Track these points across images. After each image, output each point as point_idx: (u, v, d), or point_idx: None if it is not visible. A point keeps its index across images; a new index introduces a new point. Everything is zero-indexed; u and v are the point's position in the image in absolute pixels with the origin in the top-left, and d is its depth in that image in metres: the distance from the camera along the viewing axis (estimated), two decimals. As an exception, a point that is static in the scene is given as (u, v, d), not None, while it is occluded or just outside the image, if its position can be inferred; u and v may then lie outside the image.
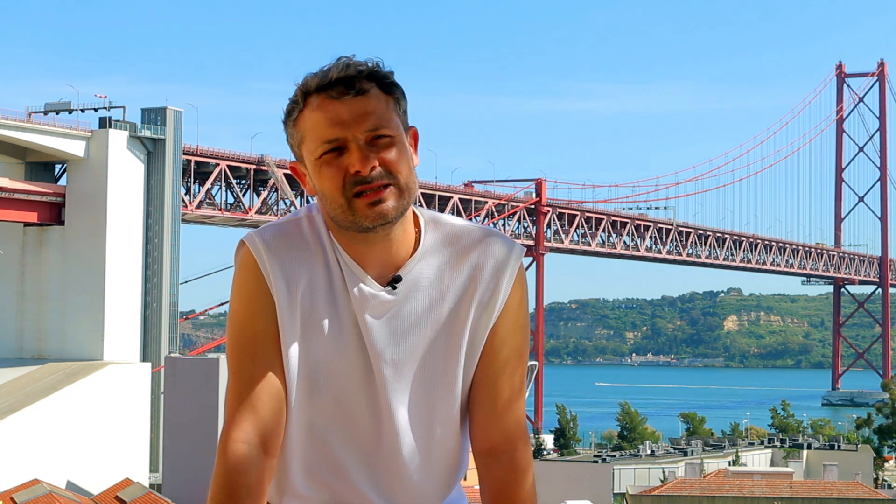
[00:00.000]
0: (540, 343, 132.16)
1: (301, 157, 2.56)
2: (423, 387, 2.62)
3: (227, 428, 2.53)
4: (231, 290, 2.62)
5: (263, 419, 2.52)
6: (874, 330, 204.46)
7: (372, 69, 2.51)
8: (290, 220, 2.63)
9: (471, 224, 2.67)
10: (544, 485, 62.78)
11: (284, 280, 2.55)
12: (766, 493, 52.36)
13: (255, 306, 2.56)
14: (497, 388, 2.67)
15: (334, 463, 2.63)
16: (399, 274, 2.58)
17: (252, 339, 2.55)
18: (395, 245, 2.57)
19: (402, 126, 2.54)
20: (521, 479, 2.70)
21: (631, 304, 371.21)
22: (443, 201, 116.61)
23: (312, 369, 2.58)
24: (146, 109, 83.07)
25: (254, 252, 2.57)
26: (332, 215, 2.53)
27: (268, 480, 2.54)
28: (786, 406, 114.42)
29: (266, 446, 2.52)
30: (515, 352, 2.68)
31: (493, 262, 2.63)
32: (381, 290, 2.57)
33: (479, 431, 2.68)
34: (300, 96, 2.51)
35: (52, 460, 66.40)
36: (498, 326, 2.65)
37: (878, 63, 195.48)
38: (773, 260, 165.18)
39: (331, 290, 2.57)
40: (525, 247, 2.70)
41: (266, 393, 2.54)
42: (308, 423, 2.61)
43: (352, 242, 2.57)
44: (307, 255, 2.58)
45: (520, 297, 2.67)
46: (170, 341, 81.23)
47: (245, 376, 2.54)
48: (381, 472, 2.65)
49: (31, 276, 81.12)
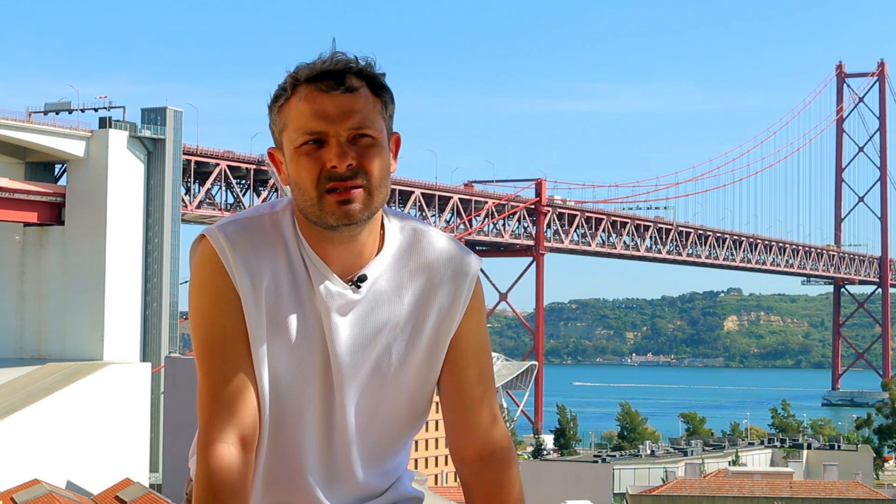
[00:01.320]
0: (540, 343, 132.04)
1: (281, 144, 2.54)
2: (373, 386, 2.63)
3: (205, 429, 2.51)
4: (190, 285, 2.59)
5: (240, 417, 2.51)
6: (874, 330, 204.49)
7: (364, 68, 2.51)
8: (251, 215, 2.60)
9: (433, 230, 2.67)
10: (544, 485, 62.73)
11: (249, 276, 2.53)
12: (766, 493, 52.35)
13: (221, 303, 2.54)
14: (471, 394, 2.68)
15: (290, 465, 2.64)
16: (364, 273, 2.57)
17: (221, 337, 2.54)
18: (359, 245, 2.57)
19: (385, 129, 2.52)
20: (511, 475, 2.71)
21: (631, 304, 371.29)
22: (443, 201, 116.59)
23: (278, 367, 2.58)
24: (146, 109, 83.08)
25: (216, 247, 2.54)
26: (302, 207, 2.52)
27: (250, 475, 2.54)
28: (786, 406, 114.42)
29: (245, 443, 2.52)
30: (480, 357, 2.69)
31: (452, 270, 2.64)
32: (346, 288, 2.56)
33: (462, 438, 2.71)
34: (289, 84, 2.50)
35: (52, 460, 66.37)
36: (461, 333, 2.66)
37: (878, 63, 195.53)
38: (773, 260, 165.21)
39: (294, 287, 2.56)
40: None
41: (241, 391, 2.53)
42: (272, 422, 2.60)
43: (318, 240, 2.56)
44: (269, 251, 2.56)
45: (479, 305, 2.69)
46: (170, 341, 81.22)
47: (217, 375, 2.53)
48: (332, 468, 2.66)
49: (31, 276, 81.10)
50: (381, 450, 2.70)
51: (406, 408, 2.68)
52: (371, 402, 2.63)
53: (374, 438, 2.67)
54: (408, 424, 2.71)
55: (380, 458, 2.71)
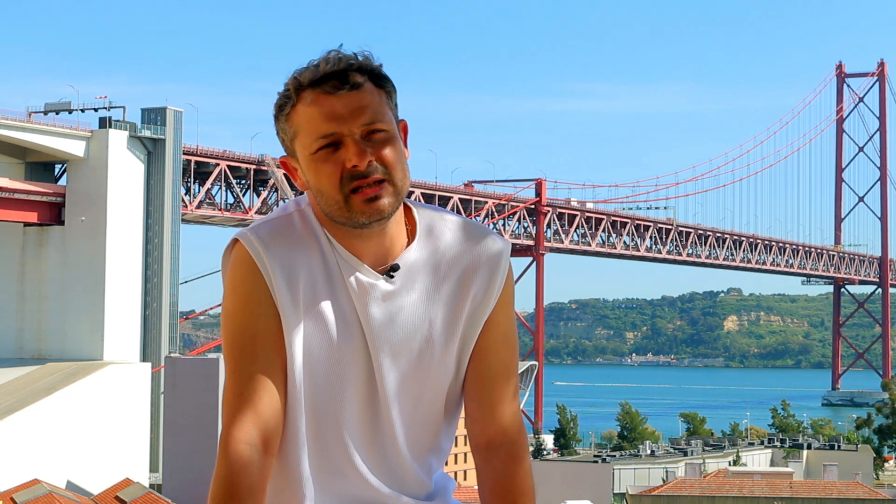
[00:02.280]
0: (540, 343, 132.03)
1: (293, 152, 2.54)
2: (416, 376, 2.64)
3: (228, 427, 2.51)
4: (224, 288, 2.59)
5: (264, 419, 2.52)
6: (874, 330, 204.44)
7: (364, 63, 2.51)
8: (281, 215, 2.60)
9: (464, 219, 2.68)
10: (544, 485, 62.77)
11: (285, 278, 2.53)
12: (766, 493, 52.37)
13: (254, 306, 2.54)
14: (493, 383, 2.68)
15: (338, 458, 2.63)
16: (397, 262, 2.58)
17: (252, 339, 2.54)
18: (389, 238, 2.58)
19: (394, 119, 2.54)
20: (520, 469, 2.71)
21: (631, 304, 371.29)
22: (443, 201, 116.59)
23: (317, 362, 2.58)
24: (146, 109, 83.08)
25: (251, 250, 2.54)
26: (328, 211, 2.52)
27: (268, 479, 2.54)
28: (786, 406, 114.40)
29: (267, 445, 2.52)
30: (509, 347, 2.70)
31: (486, 258, 2.65)
32: (378, 278, 2.57)
33: (477, 426, 2.70)
34: (293, 91, 2.50)
35: (52, 460, 66.40)
36: (491, 321, 2.67)
37: (878, 63, 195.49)
38: (773, 260, 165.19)
39: (330, 282, 2.57)
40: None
41: (266, 392, 2.53)
42: (312, 419, 2.61)
43: (346, 236, 2.56)
44: (303, 249, 2.57)
45: (510, 293, 2.69)
46: (170, 341, 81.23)
47: (245, 376, 2.53)
48: (381, 459, 2.66)
49: (31, 276, 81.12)
50: (427, 441, 2.71)
51: (447, 396, 2.69)
52: (415, 391, 2.65)
53: (419, 428, 2.68)
54: (448, 412, 2.72)
55: (425, 450, 2.71)
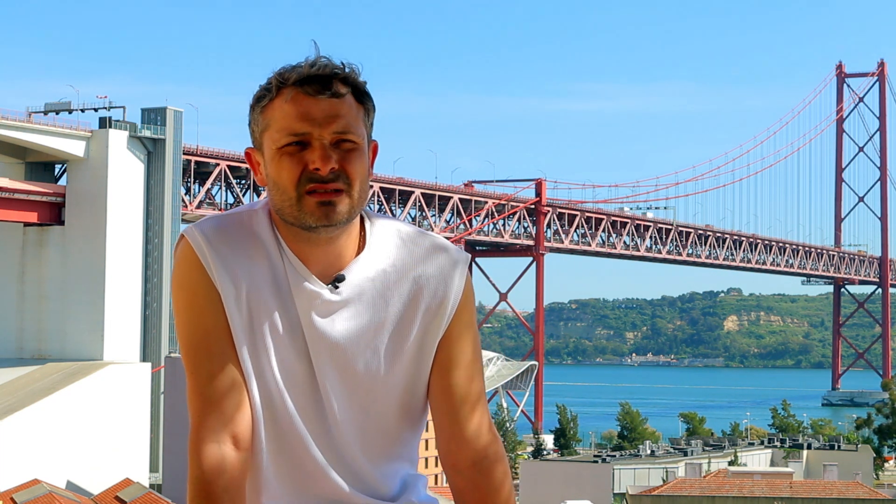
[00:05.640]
0: (540, 343, 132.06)
1: (260, 144, 2.54)
2: (363, 387, 2.61)
3: (196, 429, 2.51)
4: (172, 287, 2.60)
5: (230, 415, 2.51)
6: (874, 330, 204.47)
7: (350, 75, 2.52)
8: (231, 214, 2.61)
9: (419, 230, 2.66)
10: (544, 485, 62.80)
11: (228, 275, 2.53)
12: (766, 493, 52.35)
13: (202, 301, 2.54)
14: (456, 396, 2.65)
15: (296, 459, 2.62)
16: (342, 273, 2.57)
17: (204, 335, 2.54)
18: (338, 248, 2.56)
19: (366, 136, 2.54)
20: (500, 485, 2.69)
21: (631, 304, 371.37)
22: (443, 201, 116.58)
23: (264, 366, 2.57)
24: (146, 109, 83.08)
25: (195, 247, 2.54)
26: (279, 208, 2.52)
27: (244, 475, 2.54)
28: (786, 406, 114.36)
29: (237, 441, 2.51)
30: (470, 358, 2.67)
31: (439, 269, 2.63)
32: (323, 288, 2.55)
33: (449, 443, 2.68)
34: (275, 85, 2.50)
35: (52, 460, 66.41)
36: (451, 336, 2.64)
37: (878, 63, 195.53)
38: (773, 260, 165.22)
39: (276, 287, 2.56)
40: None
41: (228, 388, 2.52)
42: (269, 421, 2.59)
43: (296, 240, 2.55)
44: (249, 250, 2.56)
45: (469, 306, 2.67)
46: (170, 341, 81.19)
47: (203, 374, 2.53)
48: (338, 459, 2.64)
49: (31, 276, 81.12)
50: (385, 447, 2.68)
51: (400, 407, 2.66)
52: (363, 401, 2.62)
53: (374, 436, 2.65)
54: (407, 423, 2.69)
55: (384, 455, 2.68)
